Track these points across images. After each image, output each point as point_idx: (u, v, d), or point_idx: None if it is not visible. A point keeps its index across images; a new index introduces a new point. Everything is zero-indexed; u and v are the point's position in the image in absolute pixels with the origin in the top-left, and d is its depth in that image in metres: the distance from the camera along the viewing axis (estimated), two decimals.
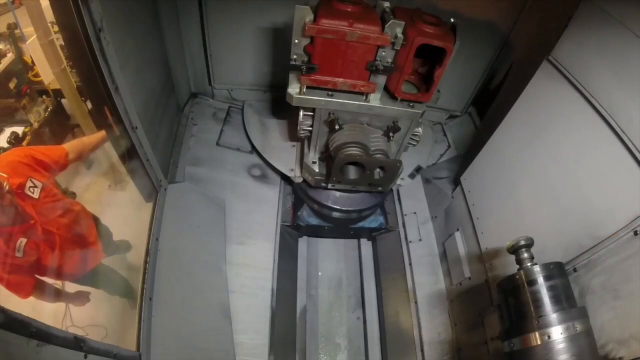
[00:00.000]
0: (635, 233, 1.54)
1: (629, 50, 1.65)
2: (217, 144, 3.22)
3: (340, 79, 2.10)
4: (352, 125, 2.35)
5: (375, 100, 2.24)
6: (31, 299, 2.13)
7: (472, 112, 3.79)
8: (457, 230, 2.75)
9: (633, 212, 1.57)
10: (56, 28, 3.23)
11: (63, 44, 3.23)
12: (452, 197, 2.95)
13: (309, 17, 1.85)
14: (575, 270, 1.77)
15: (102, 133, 2.25)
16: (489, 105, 3.41)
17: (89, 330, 2.82)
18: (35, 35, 3.33)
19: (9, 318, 0.99)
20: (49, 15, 3.17)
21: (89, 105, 3.57)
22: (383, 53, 2.00)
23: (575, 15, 1.94)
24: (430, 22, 2.00)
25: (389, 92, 2.26)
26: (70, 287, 2.60)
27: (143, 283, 1.98)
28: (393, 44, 1.95)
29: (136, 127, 1.95)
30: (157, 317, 1.94)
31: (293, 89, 2.18)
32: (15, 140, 3.88)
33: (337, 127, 2.29)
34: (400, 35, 1.92)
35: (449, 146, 3.67)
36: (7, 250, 1.85)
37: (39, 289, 2.16)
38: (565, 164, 1.95)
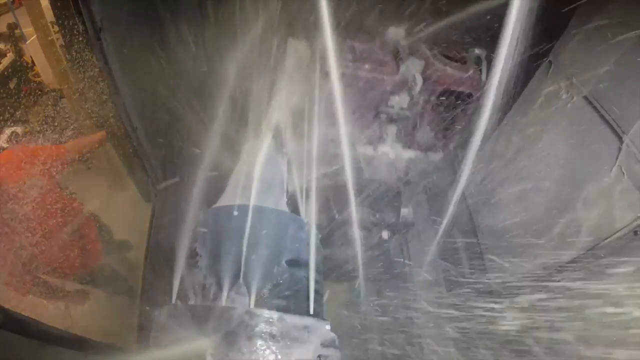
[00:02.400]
0: (635, 233, 1.54)
1: (629, 50, 1.65)
2: None
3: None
4: None
5: (385, 149, 1.94)
6: (31, 298, 2.13)
7: None
8: None
9: (633, 212, 1.57)
10: (56, 28, 3.23)
11: (63, 44, 3.22)
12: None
13: (306, 54, 1.58)
14: (575, 270, 1.77)
15: (102, 133, 2.25)
16: None
17: (89, 330, 2.82)
18: (35, 35, 3.33)
19: (9, 318, 0.99)
20: (49, 15, 3.17)
21: (89, 105, 3.56)
22: (397, 98, 1.75)
23: (575, 16, 1.94)
24: (453, 57, 1.76)
25: (402, 139, 1.97)
26: (70, 286, 2.60)
27: (143, 283, 1.98)
28: (410, 88, 1.70)
29: (136, 127, 1.95)
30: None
31: None
32: (15, 140, 3.88)
33: None
34: (419, 78, 1.67)
35: None
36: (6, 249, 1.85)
37: (38, 288, 2.16)
38: (565, 164, 1.95)
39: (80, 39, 1.46)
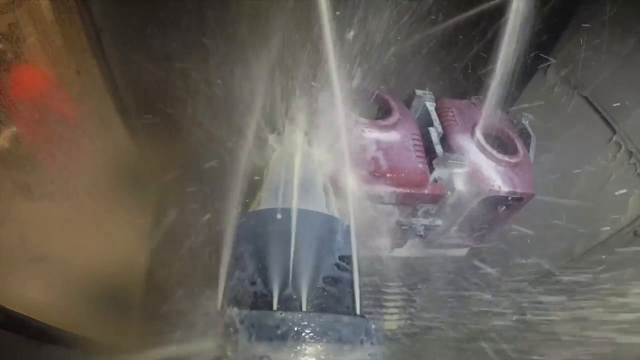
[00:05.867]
0: (635, 233, 1.54)
1: (629, 51, 1.65)
2: None
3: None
4: None
5: (400, 251, 1.73)
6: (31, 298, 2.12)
7: None
8: None
9: (633, 212, 1.57)
10: (56, 28, 3.22)
11: (63, 44, 3.21)
12: None
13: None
14: (575, 270, 1.77)
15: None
16: None
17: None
18: (35, 36, 3.31)
19: (9, 318, 0.99)
20: (49, 15, 3.16)
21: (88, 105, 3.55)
22: (423, 212, 1.45)
23: (575, 16, 1.94)
24: (501, 140, 1.48)
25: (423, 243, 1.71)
26: None
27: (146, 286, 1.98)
28: (444, 199, 1.36)
29: (136, 127, 1.95)
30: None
31: None
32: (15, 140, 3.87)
33: None
34: (459, 187, 1.37)
35: None
36: None
37: None
38: (566, 164, 1.94)
39: (80, 39, 1.45)
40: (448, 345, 2.06)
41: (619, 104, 1.68)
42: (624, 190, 1.63)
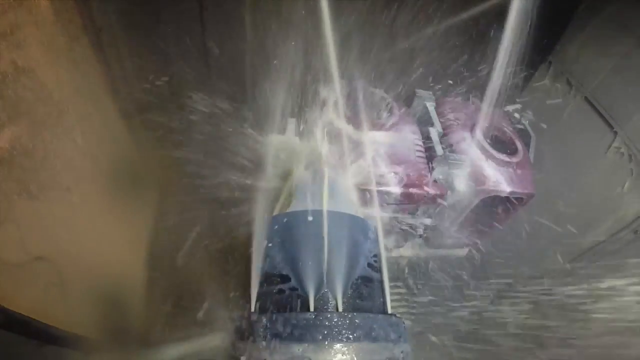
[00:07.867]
0: (635, 233, 1.54)
1: (628, 52, 1.65)
2: None
3: None
4: None
5: (400, 251, 1.75)
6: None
7: None
8: None
9: (633, 212, 1.57)
10: (56, 28, 3.21)
11: (63, 44, 3.21)
12: None
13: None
14: (576, 269, 1.77)
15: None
16: None
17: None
18: (35, 36, 3.31)
19: (9, 318, 0.99)
20: (49, 15, 3.15)
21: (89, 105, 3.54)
22: (423, 211, 1.48)
23: (575, 17, 1.94)
24: (501, 139, 1.50)
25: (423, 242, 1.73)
26: None
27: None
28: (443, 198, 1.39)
29: (136, 127, 1.95)
30: None
31: None
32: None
33: None
34: (459, 187, 1.40)
35: None
36: None
37: None
38: (566, 165, 1.95)
39: (80, 39, 1.45)
40: (448, 345, 2.07)
41: (619, 104, 1.69)
42: (624, 190, 1.63)
